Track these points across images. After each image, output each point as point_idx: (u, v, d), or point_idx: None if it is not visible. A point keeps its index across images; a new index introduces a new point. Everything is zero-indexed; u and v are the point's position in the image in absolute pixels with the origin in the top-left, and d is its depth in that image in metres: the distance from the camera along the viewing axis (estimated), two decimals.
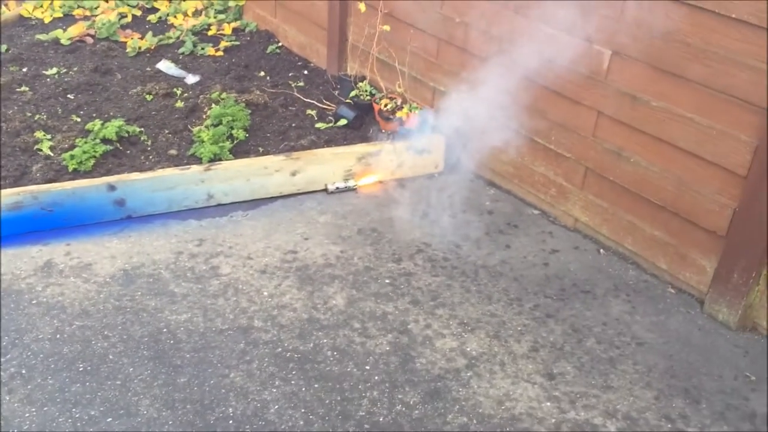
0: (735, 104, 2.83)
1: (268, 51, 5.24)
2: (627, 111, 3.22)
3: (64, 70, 4.79)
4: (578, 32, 3.27)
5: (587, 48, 3.27)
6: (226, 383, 2.65)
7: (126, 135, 3.97)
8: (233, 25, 5.58)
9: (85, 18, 5.69)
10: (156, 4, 5.94)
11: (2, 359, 2.71)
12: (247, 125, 4.12)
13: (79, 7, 5.87)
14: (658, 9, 2.95)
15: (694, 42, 2.88)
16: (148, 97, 4.48)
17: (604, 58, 3.22)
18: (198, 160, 3.82)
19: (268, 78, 4.88)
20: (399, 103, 4.24)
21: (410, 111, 4.13)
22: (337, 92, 4.67)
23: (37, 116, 4.16)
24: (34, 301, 3.00)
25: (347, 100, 4.46)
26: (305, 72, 5.00)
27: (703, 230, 3.08)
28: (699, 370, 2.82)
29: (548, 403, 2.63)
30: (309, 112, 4.46)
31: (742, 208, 2.89)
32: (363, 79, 4.59)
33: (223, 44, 5.26)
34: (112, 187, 3.49)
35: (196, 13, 5.77)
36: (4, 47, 5.06)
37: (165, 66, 4.92)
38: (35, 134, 3.95)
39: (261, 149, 4.02)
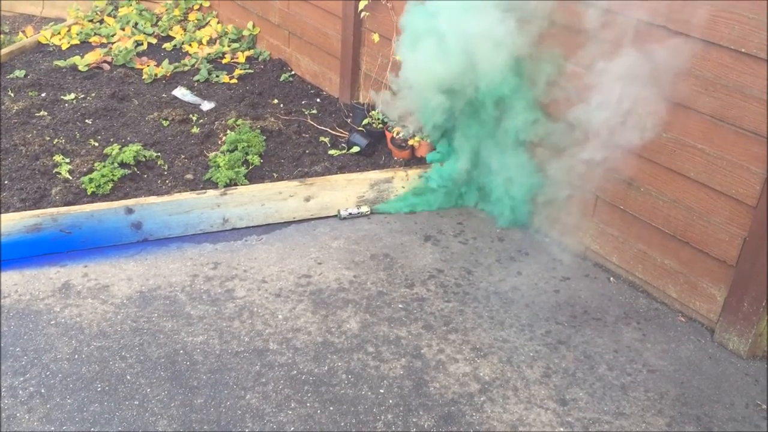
0: (744, 136, 2.88)
1: (281, 79, 5.34)
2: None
3: (82, 96, 4.89)
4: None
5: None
6: (242, 405, 2.68)
7: (143, 159, 4.04)
8: (247, 53, 5.69)
9: (102, 45, 5.81)
10: (171, 33, 6.05)
11: (21, 378, 2.75)
12: (261, 151, 4.19)
13: (95, 34, 5.99)
14: (669, 42, 3.02)
15: (704, 74, 2.95)
16: (165, 123, 4.56)
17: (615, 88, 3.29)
18: (214, 185, 3.88)
19: (281, 105, 4.96)
20: (411, 131, 4.31)
21: (422, 139, 4.20)
22: (349, 120, 4.74)
23: (56, 140, 4.24)
24: (52, 322, 3.05)
25: (360, 128, 4.53)
26: (318, 100, 5.09)
27: (713, 259, 3.12)
28: (710, 397, 2.84)
29: (561, 429, 2.65)
30: (322, 139, 4.53)
31: (752, 238, 2.93)
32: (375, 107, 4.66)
33: (238, 72, 5.36)
34: (129, 210, 3.55)
35: (211, 42, 5.88)
36: (22, 72, 5.16)
37: (181, 93, 5.01)
38: (54, 158, 4.02)
39: (275, 175, 4.09)
